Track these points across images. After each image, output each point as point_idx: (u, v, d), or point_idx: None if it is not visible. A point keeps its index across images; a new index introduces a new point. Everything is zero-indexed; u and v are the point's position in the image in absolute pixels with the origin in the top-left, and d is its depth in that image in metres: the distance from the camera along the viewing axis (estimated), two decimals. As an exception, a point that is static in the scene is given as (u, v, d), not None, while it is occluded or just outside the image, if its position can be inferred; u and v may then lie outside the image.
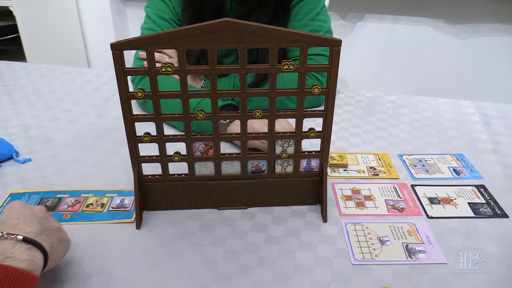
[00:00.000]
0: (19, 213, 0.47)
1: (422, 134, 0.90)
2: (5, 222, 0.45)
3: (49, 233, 0.47)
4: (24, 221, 0.45)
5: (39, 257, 0.42)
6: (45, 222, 0.48)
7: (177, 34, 0.51)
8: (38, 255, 0.42)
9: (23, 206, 0.49)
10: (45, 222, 0.48)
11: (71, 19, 2.24)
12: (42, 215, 0.49)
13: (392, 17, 2.03)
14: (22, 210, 0.48)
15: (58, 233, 0.49)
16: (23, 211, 0.47)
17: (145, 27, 0.98)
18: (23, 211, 0.47)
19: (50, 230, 0.48)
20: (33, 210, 0.49)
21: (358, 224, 0.63)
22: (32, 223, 0.45)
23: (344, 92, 1.10)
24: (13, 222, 0.44)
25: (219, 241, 0.59)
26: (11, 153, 0.78)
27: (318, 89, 0.57)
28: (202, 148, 0.63)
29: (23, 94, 1.07)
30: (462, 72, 2.08)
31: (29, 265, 0.40)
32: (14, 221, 0.45)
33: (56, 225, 0.50)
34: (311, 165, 0.65)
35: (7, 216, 0.46)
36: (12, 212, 0.47)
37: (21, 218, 0.45)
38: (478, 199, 0.68)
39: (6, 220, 0.45)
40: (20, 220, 0.45)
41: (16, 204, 0.49)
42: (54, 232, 0.48)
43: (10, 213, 0.47)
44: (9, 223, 0.44)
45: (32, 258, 0.41)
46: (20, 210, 0.48)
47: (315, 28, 0.95)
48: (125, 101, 0.56)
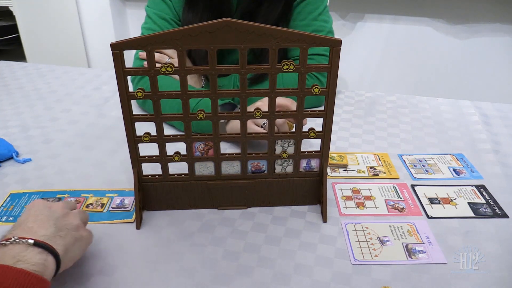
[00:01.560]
0: (36, 214, 0.48)
1: (422, 134, 0.90)
2: (21, 224, 0.46)
3: (65, 234, 0.47)
4: (39, 224, 0.46)
5: (50, 261, 0.43)
6: (62, 221, 0.49)
7: (177, 34, 0.51)
8: (49, 259, 0.43)
9: (42, 206, 0.50)
10: (63, 221, 0.49)
11: (71, 19, 2.24)
12: (60, 214, 0.50)
13: (392, 17, 2.03)
14: (41, 210, 0.49)
15: (75, 231, 0.49)
16: (41, 212, 0.48)
17: (146, 27, 0.98)
18: (41, 212, 0.48)
19: (66, 230, 0.48)
20: (51, 209, 0.50)
21: (358, 224, 0.63)
22: (46, 225, 0.46)
23: (344, 92, 1.10)
24: (28, 226, 0.45)
25: (219, 241, 0.59)
26: (11, 153, 0.78)
27: (318, 89, 0.57)
28: (202, 148, 0.63)
29: (23, 94, 1.07)
30: (462, 72, 2.08)
31: (40, 268, 0.41)
32: (29, 224, 0.46)
33: (75, 222, 0.50)
34: (311, 165, 0.65)
35: (25, 218, 0.47)
36: (30, 214, 0.48)
37: (37, 220, 0.46)
38: (478, 199, 0.68)
39: (23, 222, 0.47)
40: (35, 223, 0.46)
41: (36, 204, 0.50)
42: (71, 231, 0.48)
43: (28, 214, 0.48)
44: (24, 227, 0.45)
45: (43, 262, 0.41)
46: (38, 210, 0.48)
47: (317, 28, 0.95)
48: (125, 101, 0.56)
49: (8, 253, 0.40)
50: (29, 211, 0.49)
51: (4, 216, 0.64)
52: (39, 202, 0.51)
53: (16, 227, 0.46)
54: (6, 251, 0.40)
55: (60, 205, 0.52)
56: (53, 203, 0.52)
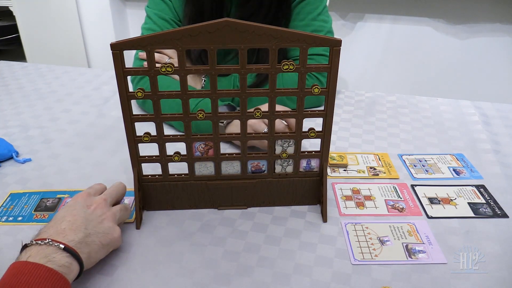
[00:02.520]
0: (73, 215, 0.52)
1: (422, 134, 0.90)
2: (56, 223, 0.51)
3: (92, 241, 0.51)
4: (71, 228, 0.50)
5: (74, 265, 0.47)
6: (94, 225, 0.52)
7: (177, 34, 0.51)
8: (74, 263, 0.47)
9: (81, 206, 0.54)
10: (95, 225, 0.52)
11: (71, 19, 2.24)
12: (95, 217, 0.53)
13: (392, 17, 2.03)
14: (78, 211, 0.53)
15: (104, 235, 0.53)
16: (77, 213, 0.52)
17: (146, 27, 0.98)
18: (77, 213, 0.52)
19: (96, 234, 0.52)
20: (89, 210, 0.54)
21: (358, 224, 0.63)
22: (77, 230, 0.50)
23: (344, 92, 1.10)
24: (61, 227, 0.50)
25: (219, 241, 0.59)
26: (11, 153, 0.78)
27: (318, 89, 0.57)
28: (202, 148, 0.63)
29: (23, 94, 1.07)
30: (462, 72, 2.08)
31: (65, 270, 0.46)
32: (63, 225, 0.50)
33: (108, 224, 0.54)
34: (311, 165, 0.65)
35: (62, 216, 0.52)
36: (67, 213, 0.52)
37: (71, 223, 0.51)
38: (478, 199, 0.68)
39: (58, 221, 0.51)
40: (68, 226, 0.50)
41: (77, 202, 0.54)
42: (100, 236, 0.52)
43: (66, 213, 0.52)
44: (58, 228, 0.50)
45: (69, 265, 0.46)
46: (76, 211, 0.53)
47: (316, 28, 0.95)
48: (125, 101, 0.56)
49: (41, 252, 0.46)
50: (68, 209, 0.53)
51: (4, 216, 0.64)
52: (81, 200, 0.55)
53: (52, 225, 0.50)
54: (40, 250, 0.46)
55: (100, 206, 0.55)
56: (95, 201, 0.56)
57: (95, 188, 0.60)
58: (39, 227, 0.51)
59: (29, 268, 0.44)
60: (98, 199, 0.56)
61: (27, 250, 0.46)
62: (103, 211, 0.55)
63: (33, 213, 0.65)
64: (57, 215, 0.53)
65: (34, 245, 0.47)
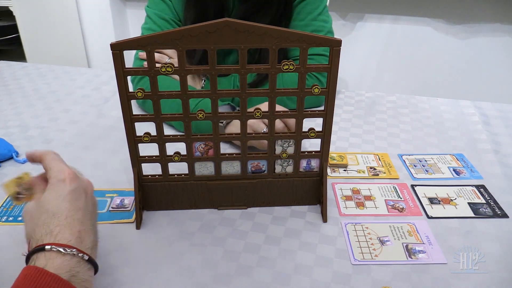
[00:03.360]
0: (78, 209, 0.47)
1: (422, 134, 0.90)
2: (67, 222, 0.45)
3: (97, 242, 0.48)
4: (84, 230, 0.46)
5: (92, 275, 0.46)
6: (95, 215, 0.50)
7: (177, 34, 0.51)
8: (92, 274, 0.46)
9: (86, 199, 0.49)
10: (95, 214, 0.50)
11: (71, 19, 2.25)
12: (94, 202, 0.51)
13: (392, 17, 2.04)
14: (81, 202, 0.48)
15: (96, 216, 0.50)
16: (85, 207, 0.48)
17: (146, 27, 0.98)
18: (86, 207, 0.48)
19: (96, 229, 0.49)
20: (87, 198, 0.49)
21: (358, 224, 0.63)
22: (89, 231, 0.47)
23: (344, 92, 1.10)
24: (76, 229, 0.45)
25: (219, 241, 0.59)
26: (11, 153, 0.78)
27: (318, 89, 0.57)
28: (202, 148, 0.63)
29: (23, 94, 1.07)
30: (462, 72, 2.08)
31: (88, 284, 0.44)
32: (76, 226, 0.45)
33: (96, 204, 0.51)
34: (311, 165, 0.65)
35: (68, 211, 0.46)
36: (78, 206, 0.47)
37: (81, 222, 0.46)
38: (478, 199, 0.68)
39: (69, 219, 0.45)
40: (81, 228, 0.46)
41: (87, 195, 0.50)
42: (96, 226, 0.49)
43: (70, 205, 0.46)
44: (73, 229, 0.45)
45: (90, 279, 0.45)
46: (79, 203, 0.47)
47: (316, 28, 0.95)
48: (125, 101, 0.56)
49: (65, 264, 0.42)
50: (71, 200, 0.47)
51: (4, 216, 0.64)
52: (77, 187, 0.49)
53: (63, 223, 0.45)
54: (64, 262, 0.42)
55: (92, 188, 0.52)
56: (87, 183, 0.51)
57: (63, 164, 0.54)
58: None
59: (47, 281, 0.40)
60: (86, 180, 0.51)
61: (46, 254, 0.42)
62: (93, 198, 0.51)
63: (33, 213, 0.64)
64: (61, 205, 0.46)
65: (54, 252, 0.42)
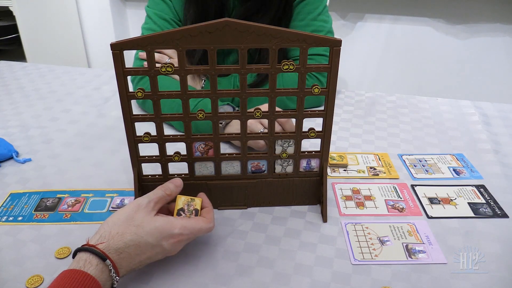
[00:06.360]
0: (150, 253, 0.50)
1: (422, 134, 0.90)
2: (135, 242, 0.49)
3: (138, 266, 0.50)
4: (132, 268, 0.49)
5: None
6: (148, 259, 0.51)
7: (177, 34, 0.51)
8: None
9: (160, 235, 0.50)
10: (149, 258, 0.51)
11: (71, 19, 2.24)
12: (159, 253, 0.51)
13: (392, 17, 2.03)
14: (156, 240, 0.50)
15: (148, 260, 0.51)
16: (153, 246, 0.50)
17: (146, 27, 0.98)
18: (155, 247, 0.50)
19: (143, 263, 0.51)
20: (165, 244, 0.51)
21: (358, 224, 0.63)
22: (137, 260, 0.49)
23: (344, 92, 1.10)
24: (131, 268, 0.49)
25: (219, 241, 0.59)
26: (11, 153, 0.78)
27: (318, 89, 0.57)
28: (202, 148, 0.63)
29: (23, 94, 1.07)
30: (462, 72, 2.08)
31: None
32: (141, 257, 0.50)
33: (172, 248, 0.52)
34: (311, 165, 0.65)
35: (147, 235, 0.49)
36: (153, 234, 0.50)
37: (141, 252, 0.49)
38: (478, 199, 0.68)
39: (142, 239, 0.49)
40: (137, 255, 0.49)
41: (159, 229, 0.51)
42: (144, 262, 0.51)
43: (152, 234, 0.50)
44: (132, 253, 0.49)
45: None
46: (154, 238, 0.50)
47: (316, 28, 0.95)
48: (125, 101, 0.56)
49: (105, 271, 0.46)
50: (153, 231, 0.50)
51: (4, 216, 0.64)
52: (169, 228, 0.51)
53: (137, 246, 0.49)
54: (105, 270, 0.46)
55: (176, 240, 0.52)
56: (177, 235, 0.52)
57: (169, 192, 0.56)
58: (39, 227, 0.51)
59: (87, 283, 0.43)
60: (178, 235, 0.52)
61: (88, 257, 0.46)
62: (174, 247, 0.52)
63: (33, 213, 0.65)
64: (147, 241, 0.49)
65: (95, 262, 0.46)
